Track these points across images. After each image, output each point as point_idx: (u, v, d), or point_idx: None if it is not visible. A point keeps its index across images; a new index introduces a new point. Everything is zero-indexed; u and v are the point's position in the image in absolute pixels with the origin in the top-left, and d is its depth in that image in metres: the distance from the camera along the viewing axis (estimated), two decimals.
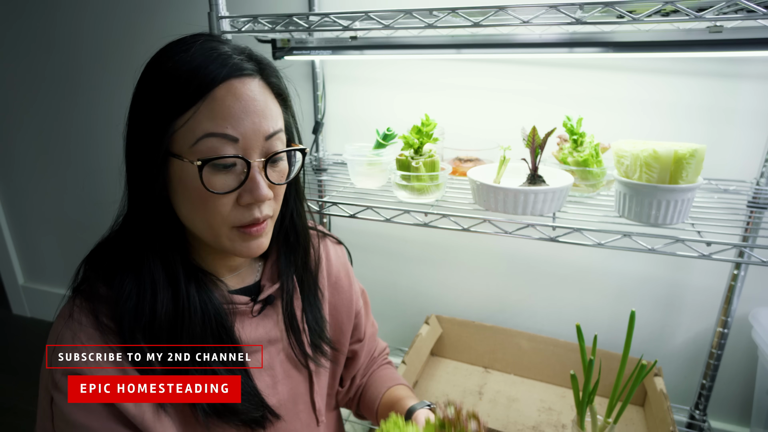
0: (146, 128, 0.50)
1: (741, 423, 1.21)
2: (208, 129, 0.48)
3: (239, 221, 0.52)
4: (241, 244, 0.54)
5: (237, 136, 0.49)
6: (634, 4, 0.68)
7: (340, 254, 0.77)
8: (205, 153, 0.49)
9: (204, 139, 0.49)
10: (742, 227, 0.86)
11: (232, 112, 0.49)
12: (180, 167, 0.50)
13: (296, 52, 1.01)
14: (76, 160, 1.73)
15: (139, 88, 0.52)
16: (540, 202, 0.77)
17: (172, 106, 0.49)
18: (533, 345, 1.21)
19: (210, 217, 0.51)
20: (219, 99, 0.49)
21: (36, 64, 1.64)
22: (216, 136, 0.49)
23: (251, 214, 0.52)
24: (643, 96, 1.05)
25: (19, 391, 1.61)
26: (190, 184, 0.50)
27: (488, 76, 1.14)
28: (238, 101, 0.49)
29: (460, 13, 0.77)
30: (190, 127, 0.49)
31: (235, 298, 0.60)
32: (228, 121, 0.49)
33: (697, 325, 1.17)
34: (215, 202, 0.51)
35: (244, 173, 0.51)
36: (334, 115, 1.31)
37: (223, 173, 0.50)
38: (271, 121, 0.52)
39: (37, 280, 2.03)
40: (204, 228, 0.53)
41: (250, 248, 0.55)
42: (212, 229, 0.52)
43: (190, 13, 1.37)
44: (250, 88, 0.51)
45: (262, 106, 0.51)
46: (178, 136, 0.49)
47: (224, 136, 0.49)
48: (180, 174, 0.51)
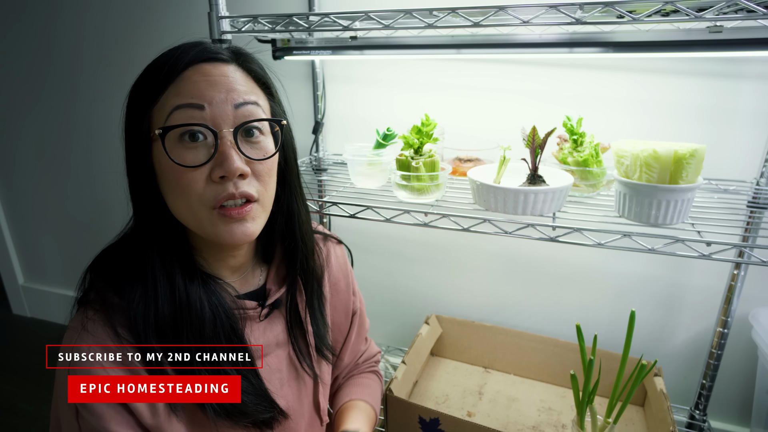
0: (130, 122, 0.52)
1: (741, 423, 1.21)
2: (175, 102, 0.50)
3: (215, 198, 0.51)
4: (223, 228, 0.52)
5: (202, 103, 0.49)
6: (634, 4, 0.68)
7: (340, 255, 0.77)
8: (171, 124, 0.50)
9: (172, 113, 0.50)
10: (742, 227, 0.86)
11: (199, 86, 0.50)
12: (158, 150, 0.51)
13: (296, 52, 1.01)
14: (77, 160, 1.73)
15: (129, 90, 0.54)
16: (540, 202, 0.77)
17: (148, 94, 0.51)
18: (533, 345, 1.21)
19: (187, 197, 0.51)
20: (186, 78, 0.50)
21: (37, 64, 1.64)
22: (182, 107, 0.49)
23: (225, 189, 0.50)
24: (643, 96, 1.05)
25: (19, 391, 1.61)
26: (166, 165, 0.50)
27: (488, 76, 1.14)
28: (205, 78, 0.50)
29: (460, 13, 0.77)
30: (161, 106, 0.50)
31: (243, 303, 0.60)
32: (193, 92, 0.50)
33: (697, 325, 1.17)
34: (188, 178, 0.50)
35: (213, 145, 0.50)
36: (334, 115, 1.31)
37: (193, 148, 0.50)
38: (242, 93, 0.52)
39: (37, 280, 2.03)
40: (186, 213, 0.52)
41: (233, 233, 0.52)
42: (193, 212, 0.52)
43: (190, 13, 1.37)
44: (221, 69, 0.52)
45: (232, 81, 0.52)
46: (154, 119, 0.51)
47: (189, 105, 0.49)
48: (159, 157, 0.51)
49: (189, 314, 0.53)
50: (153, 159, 0.52)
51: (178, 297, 0.53)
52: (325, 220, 1.40)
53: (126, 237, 0.57)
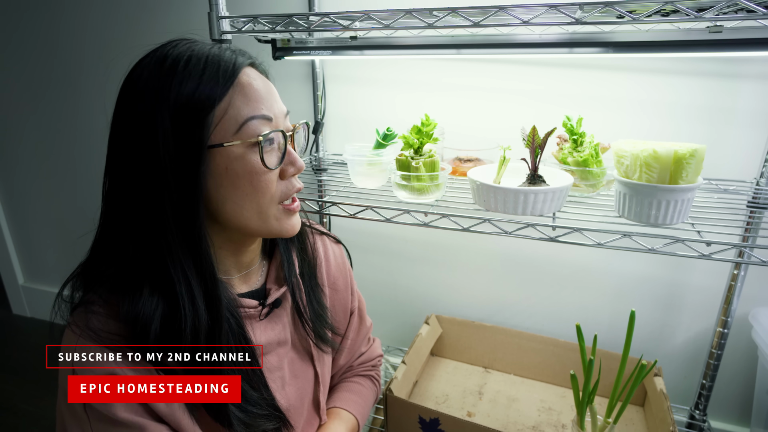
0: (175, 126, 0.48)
1: (741, 423, 1.21)
2: (249, 113, 0.51)
3: (285, 195, 0.56)
4: (286, 221, 0.57)
5: (271, 115, 0.53)
6: (634, 4, 0.68)
7: (339, 254, 0.78)
8: (251, 135, 0.51)
9: (247, 123, 0.51)
10: (742, 227, 0.86)
11: (261, 95, 0.53)
12: (226, 156, 0.51)
13: (296, 52, 1.02)
14: (77, 160, 1.73)
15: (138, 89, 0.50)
16: (540, 202, 0.77)
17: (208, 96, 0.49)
18: (533, 345, 1.21)
19: (260, 198, 0.54)
20: (246, 85, 0.52)
21: (38, 66, 1.64)
22: (256, 118, 0.52)
23: (294, 186, 0.57)
24: (643, 96, 1.05)
25: (19, 391, 1.61)
26: (241, 169, 0.52)
27: (488, 76, 1.14)
28: (261, 85, 0.54)
29: (460, 13, 0.77)
30: (230, 115, 0.51)
31: (244, 302, 0.60)
32: (261, 103, 0.53)
33: (697, 325, 1.17)
34: (266, 180, 0.54)
35: (281, 148, 0.55)
36: (334, 115, 1.31)
37: (268, 151, 0.53)
38: (282, 102, 0.57)
39: (37, 280, 2.03)
40: (254, 214, 0.54)
41: (294, 225, 0.58)
42: (261, 212, 0.55)
43: (190, 14, 1.37)
44: (258, 74, 0.55)
45: (274, 89, 0.56)
46: (219, 127, 0.50)
47: (263, 117, 0.52)
48: (227, 163, 0.51)
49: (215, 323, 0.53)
50: (212, 165, 0.50)
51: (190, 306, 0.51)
52: (325, 220, 1.40)
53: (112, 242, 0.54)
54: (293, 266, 0.67)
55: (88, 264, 0.55)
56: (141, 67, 0.52)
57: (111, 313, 0.51)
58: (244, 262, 0.62)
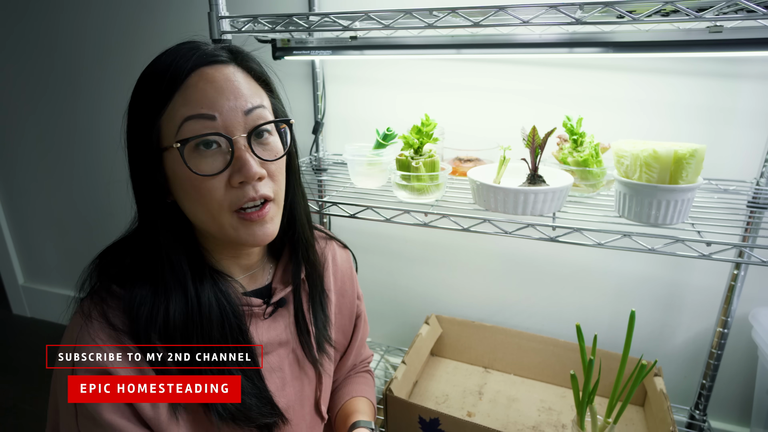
0: (138, 132, 0.52)
1: (741, 423, 1.21)
2: (185, 113, 0.49)
3: (236, 203, 0.52)
4: (245, 231, 0.53)
5: (213, 113, 0.50)
6: (634, 4, 0.68)
7: (346, 259, 0.78)
8: (186, 136, 0.50)
9: (184, 124, 0.49)
10: (742, 227, 0.86)
11: (206, 94, 0.50)
12: (172, 159, 0.51)
13: (296, 52, 1.01)
14: (77, 160, 1.73)
15: (131, 97, 0.54)
16: (540, 202, 0.77)
17: (154, 103, 0.50)
18: (533, 345, 1.21)
19: (207, 204, 0.51)
20: (192, 86, 0.50)
21: (38, 65, 1.64)
22: (193, 117, 0.49)
23: (245, 193, 0.52)
24: (643, 96, 1.05)
25: (19, 391, 1.61)
26: (182, 173, 0.51)
27: (488, 76, 1.14)
28: (210, 84, 0.50)
29: (460, 13, 0.77)
30: (170, 117, 0.50)
31: (250, 300, 0.60)
32: (202, 102, 0.50)
33: (697, 325, 1.17)
34: (207, 186, 0.51)
35: (229, 152, 0.51)
36: (334, 115, 1.31)
37: (209, 156, 0.50)
38: (249, 98, 0.52)
39: (37, 280, 2.03)
40: (206, 219, 0.53)
41: (255, 235, 0.54)
42: (213, 218, 0.52)
43: (190, 13, 1.37)
44: (224, 72, 0.52)
45: (237, 85, 0.52)
46: (163, 131, 0.51)
47: (201, 116, 0.49)
48: (173, 166, 0.51)
49: (200, 318, 0.53)
50: (165, 167, 0.52)
51: (189, 302, 0.53)
52: (325, 220, 1.40)
53: (130, 238, 0.57)
54: (299, 268, 0.66)
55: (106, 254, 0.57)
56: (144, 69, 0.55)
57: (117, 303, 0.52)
58: (244, 264, 0.62)
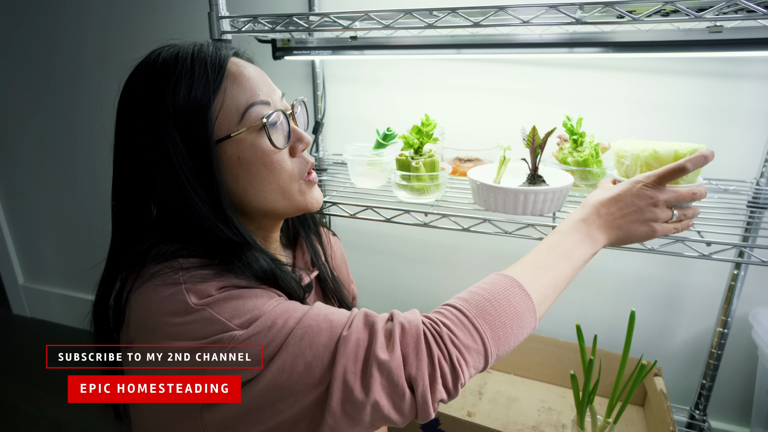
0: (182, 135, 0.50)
1: (741, 423, 1.21)
2: (247, 100, 0.52)
3: (303, 170, 0.58)
4: (310, 194, 0.59)
5: (268, 99, 0.54)
6: (634, 4, 0.68)
7: (338, 245, 0.83)
8: (254, 120, 0.52)
9: (248, 111, 0.52)
10: (742, 227, 0.86)
11: (255, 81, 0.54)
12: (235, 146, 0.52)
13: (296, 52, 1.01)
14: (77, 160, 1.73)
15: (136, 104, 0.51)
16: (540, 202, 0.77)
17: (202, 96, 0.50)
18: (533, 345, 1.21)
19: (280, 179, 0.55)
20: (238, 74, 0.53)
21: (39, 66, 1.64)
22: (256, 104, 0.53)
23: (307, 160, 0.58)
24: (642, 96, 1.05)
25: (19, 391, 1.61)
26: (253, 156, 0.53)
27: (488, 76, 1.14)
28: (251, 72, 0.54)
29: (460, 13, 0.77)
30: (230, 106, 0.51)
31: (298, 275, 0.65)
32: (257, 89, 0.54)
33: (697, 325, 1.17)
34: (280, 160, 0.55)
35: (285, 126, 0.55)
36: (334, 115, 1.31)
37: (273, 133, 0.54)
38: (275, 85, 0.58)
39: (37, 280, 2.03)
40: (277, 195, 0.56)
41: (316, 198, 0.60)
42: (285, 190, 0.56)
43: (190, 14, 1.37)
44: (245, 62, 0.56)
45: (263, 73, 0.57)
46: (220, 121, 0.51)
47: (261, 102, 0.53)
48: (238, 153, 0.52)
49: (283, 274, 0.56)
50: (224, 158, 0.52)
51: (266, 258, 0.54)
52: (325, 220, 1.40)
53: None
54: (318, 251, 0.71)
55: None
56: (132, 81, 0.53)
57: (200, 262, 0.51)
58: (266, 247, 0.64)
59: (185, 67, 0.50)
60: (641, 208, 0.58)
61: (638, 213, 0.58)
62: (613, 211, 0.59)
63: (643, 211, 0.58)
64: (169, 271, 0.49)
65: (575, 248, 0.57)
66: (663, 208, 0.59)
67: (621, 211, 0.59)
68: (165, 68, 0.51)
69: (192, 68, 0.50)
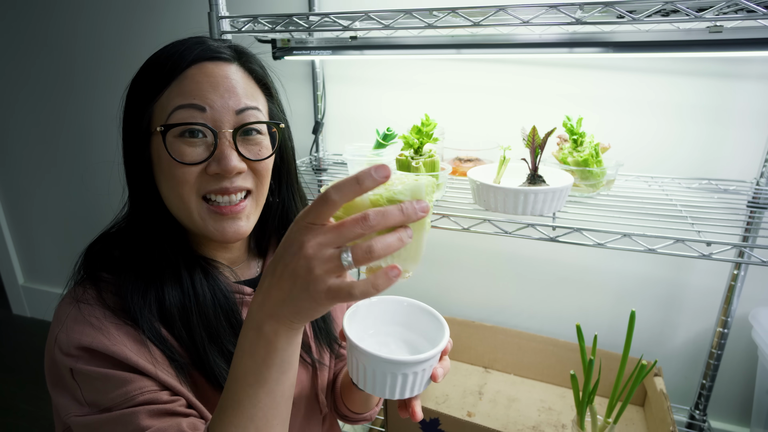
0: (131, 114, 0.54)
1: (741, 423, 1.21)
2: (178, 102, 0.51)
3: (206, 188, 0.52)
4: (213, 224, 0.54)
5: (204, 105, 0.51)
6: (634, 4, 0.68)
7: None
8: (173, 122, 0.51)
9: (174, 112, 0.51)
10: (742, 227, 0.86)
11: (201, 87, 0.51)
12: (157, 143, 0.53)
13: (296, 52, 1.01)
14: (76, 160, 1.73)
15: (131, 81, 0.55)
16: (540, 202, 0.77)
17: (150, 88, 0.52)
18: (533, 345, 1.21)
19: (179, 187, 0.52)
20: (189, 77, 0.51)
21: (40, 66, 1.64)
22: (184, 107, 0.51)
23: (219, 183, 0.52)
24: (643, 96, 1.05)
25: (19, 391, 1.61)
26: (163, 158, 0.52)
27: (488, 76, 1.14)
28: (207, 78, 0.52)
29: (460, 13, 0.77)
30: (163, 104, 0.52)
31: (241, 288, 0.61)
32: (196, 94, 0.51)
33: (697, 325, 1.17)
34: (183, 171, 0.51)
35: (213, 144, 0.52)
36: (334, 115, 1.31)
37: (190, 143, 0.51)
38: (243, 98, 0.53)
39: (37, 280, 2.03)
40: (178, 203, 0.53)
41: (224, 230, 0.53)
42: (183, 202, 0.53)
43: (190, 14, 1.37)
44: (224, 69, 0.53)
45: (234, 84, 0.53)
46: (155, 116, 0.52)
47: (192, 106, 0.51)
48: (157, 150, 0.53)
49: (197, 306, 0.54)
50: (151, 151, 0.54)
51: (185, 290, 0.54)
52: None
53: (121, 224, 0.58)
54: None
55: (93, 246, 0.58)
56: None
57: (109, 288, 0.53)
58: (228, 258, 0.63)
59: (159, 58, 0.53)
60: (290, 266, 0.37)
61: (292, 277, 0.37)
62: (266, 285, 0.40)
63: (294, 270, 0.37)
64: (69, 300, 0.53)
65: (258, 362, 0.41)
66: (321, 253, 0.36)
67: (273, 284, 0.39)
68: (154, 55, 0.54)
69: (160, 61, 0.53)
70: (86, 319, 0.49)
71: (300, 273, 0.36)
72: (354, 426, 1.31)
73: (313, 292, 0.36)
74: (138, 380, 0.48)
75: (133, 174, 0.55)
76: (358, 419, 0.75)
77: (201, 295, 0.54)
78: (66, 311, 0.51)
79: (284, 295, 0.38)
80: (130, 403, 0.47)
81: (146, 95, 0.52)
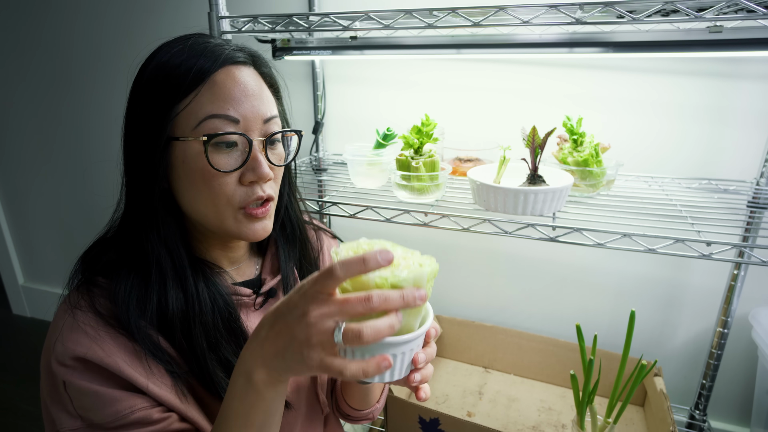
0: (146, 117, 0.52)
1: (741, 423, 1.21)
2: (211, 111, 0.51)
3: (244, 200, 0.54)
4: (247, 226, 0.55)
5: (238, 117, 0.52)
6: (634, 4, 0.68)
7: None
8: (208, 133, 0.51)
9: (206, 121, 0.51)
10: (742, 227, 0.86)
11: (233, 95, 0.52)
12: (183, 149, 0.52)
13: (296, 52, 1.02)
14: (76, 160, 1.73)
15: (137, 82, 0.54)
16: (540, 202, 0.77)
17: (173, 92, 0.51)
18: (533, 345, 1.21)
19: (215, 198, 0.53)
20: (219, 83, 0.51)
21: (40, 66, 1.64)
22: (218, 117, 0.51)
23: (255, 192, 0.54)
24: (642, 96, 1.05)
25: (19, 391, 1.61)
26: (194, 165, 0.52)
27: (488, 76, 1.14)
28: (237, 85, 0.52)
29: (460, 13, 0.77)
30: (192, 109, 0.51)
31: (239, 290, 0.61)
32: (229, 103, 0.52)
33: (697, 325, 1.17)
34: (219, 182, 0.52)
35: (246, 152, 0.53)
36: (334, 115, 1.31)
37: (225, 153, 0.52)
38: (268, 106, 0.55)
39: (37, 280, 2.03)
40: (208, 212, 0.54)
41: (255, 231, 0.56)
42: (217, 211, 0.54)
43: (190, 14, 1.37)
44: (246, 74, 0.54)
45: (259, 91, 0.54)
46: (179, 120, 0.51)
47: (226, 117, 0.51)
48: (183, 156, 0.52)
49: (199, 308, 0.54)
50: (172, 156, 0.53)
51: (189, 293, 0.54)
52: (325, 220, 1.40)
53: (114, 233, 0.58)
54: (288, 257, 0.67)
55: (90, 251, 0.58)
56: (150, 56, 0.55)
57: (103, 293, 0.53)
58: (231, 257, 0.63)
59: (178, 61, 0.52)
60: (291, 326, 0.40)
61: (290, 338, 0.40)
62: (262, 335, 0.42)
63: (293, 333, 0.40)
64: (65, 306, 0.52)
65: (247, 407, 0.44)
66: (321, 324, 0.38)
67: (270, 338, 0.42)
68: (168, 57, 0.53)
69: (181, 64, 0.51)
70: (81, 328, 0.49)
71: (299, 337, 0.39)
72: (354, 426, 1.31)
73: (306, 359, 0.39)
74: (129, 398, 0.48)
75: (140, 178, 0.54)
76: (360, 417, 0.75)
77: (203, 302, 0.54)
78: (62, 318, 0.51)
79: (278, 351, 0.41)
80: (121, 422, 0.48)
81: (169, 98, 0.51)
